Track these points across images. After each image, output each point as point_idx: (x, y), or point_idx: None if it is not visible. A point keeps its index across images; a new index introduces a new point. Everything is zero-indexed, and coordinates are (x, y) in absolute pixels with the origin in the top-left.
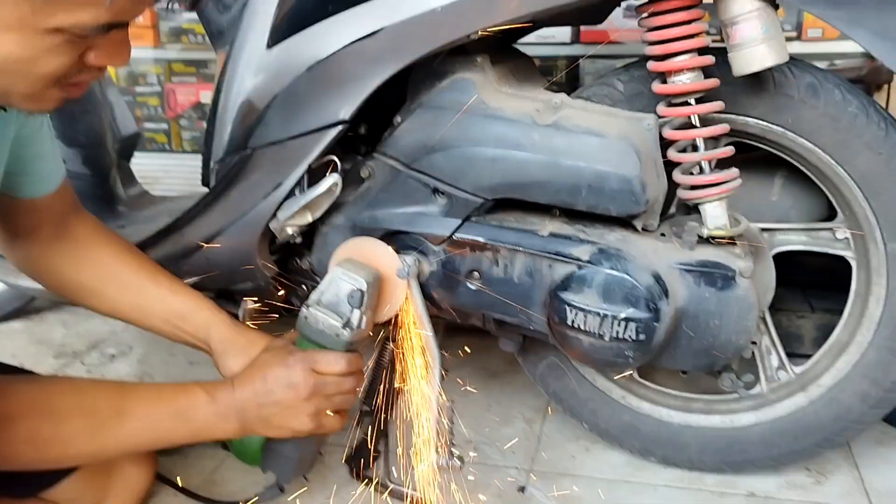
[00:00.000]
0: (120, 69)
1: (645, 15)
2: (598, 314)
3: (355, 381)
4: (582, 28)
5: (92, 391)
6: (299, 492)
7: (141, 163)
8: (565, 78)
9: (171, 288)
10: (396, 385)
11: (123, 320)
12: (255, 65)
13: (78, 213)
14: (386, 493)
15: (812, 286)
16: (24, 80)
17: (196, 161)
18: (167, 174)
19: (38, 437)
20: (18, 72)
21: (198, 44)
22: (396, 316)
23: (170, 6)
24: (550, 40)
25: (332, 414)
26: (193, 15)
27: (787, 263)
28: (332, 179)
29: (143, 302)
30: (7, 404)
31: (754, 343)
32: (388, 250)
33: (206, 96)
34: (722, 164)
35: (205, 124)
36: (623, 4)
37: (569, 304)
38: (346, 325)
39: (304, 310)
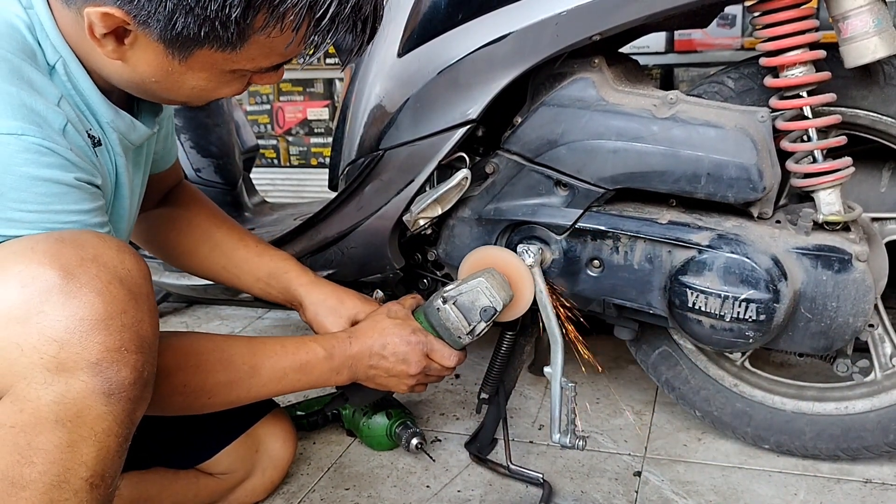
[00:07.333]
0: None
1: (757, 14)
2: (719, 296)
3: (452, 372)
4: (676, 37)
5: (229, 348)
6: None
7: (252, 176)
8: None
9: (259, 249)
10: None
11: (217, 281)
12: (386, 73)
13: (180, 182)
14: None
15: None
16: (199, 100)
17: (302, 175)
18: (275, 187)
19: (188, 389)
20: (198, 97)
21: (305, 64)
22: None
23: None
24: (645, 50)
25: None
26: None
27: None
28: (462, 173)
29: (232, 261)
30: (164, 359)
31: (872, 326)
32: (521, 265)
33: (312, 113)
34: (832, 155)
35: (311, 140)
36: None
37: (689, 287)
38: (470, 332)
39: (439, 301)
